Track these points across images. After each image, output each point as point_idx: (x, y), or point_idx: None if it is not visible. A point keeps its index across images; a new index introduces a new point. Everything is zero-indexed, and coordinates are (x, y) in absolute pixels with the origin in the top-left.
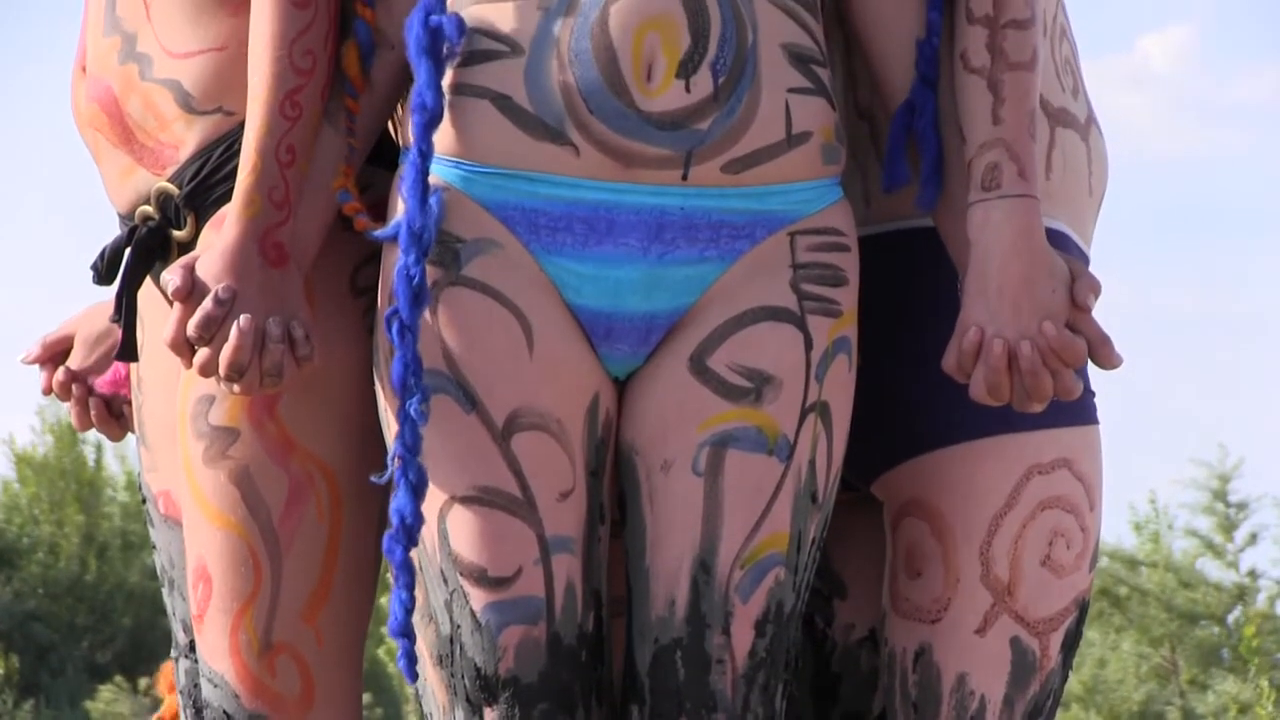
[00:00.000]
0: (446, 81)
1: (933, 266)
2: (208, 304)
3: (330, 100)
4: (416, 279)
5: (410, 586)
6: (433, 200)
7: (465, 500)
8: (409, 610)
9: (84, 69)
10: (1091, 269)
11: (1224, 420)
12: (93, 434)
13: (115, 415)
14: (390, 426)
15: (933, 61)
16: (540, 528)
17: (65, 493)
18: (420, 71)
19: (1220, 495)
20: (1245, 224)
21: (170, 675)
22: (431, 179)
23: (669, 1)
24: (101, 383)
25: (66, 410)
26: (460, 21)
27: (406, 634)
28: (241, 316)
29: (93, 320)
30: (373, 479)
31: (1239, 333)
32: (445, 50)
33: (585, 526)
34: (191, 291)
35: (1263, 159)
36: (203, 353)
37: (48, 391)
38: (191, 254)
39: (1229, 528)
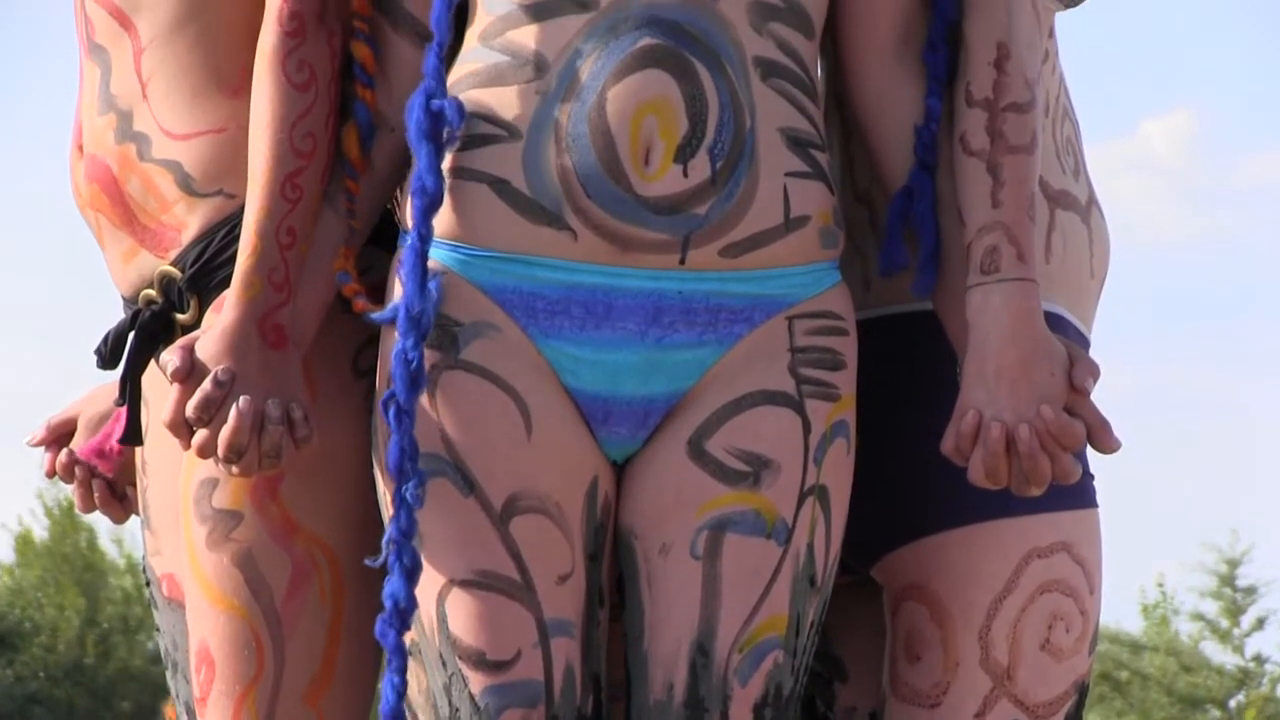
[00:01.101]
0: (445, 165)
1: (931, 350)
2: (207, 385)
3: (330, 182)
4: (414, 363)
5: (403, 670)
6: (432, 285)
7: (464, 584)
8: (401, 694)
9: (80, 148)
10: (1093, 351)
11: (1236, 505)
12: (91, 516)
13: (119, 497)
14: (389, 509)
15: (931, 147)
16: (539, 611)
17: (66, 576)
18: (421, 155)
19: (1228, 580)
20: (1248, 306)
21: None
22: (430, 263)
23: (667, 86)
24: (84, 449)
25: (68, 493)
26: (460, 106)
27: (398, 718)
28: (240, 398)
29: (96, 402)
30: (367, 562)
31: (1247, 415)
32: (445, 135)
33: (584, 610)
34: (191, 372)
35: (1264, 242)
36: (201, 434)
37: (52, 474)
38: (191, 335)
39: (1236, 612)
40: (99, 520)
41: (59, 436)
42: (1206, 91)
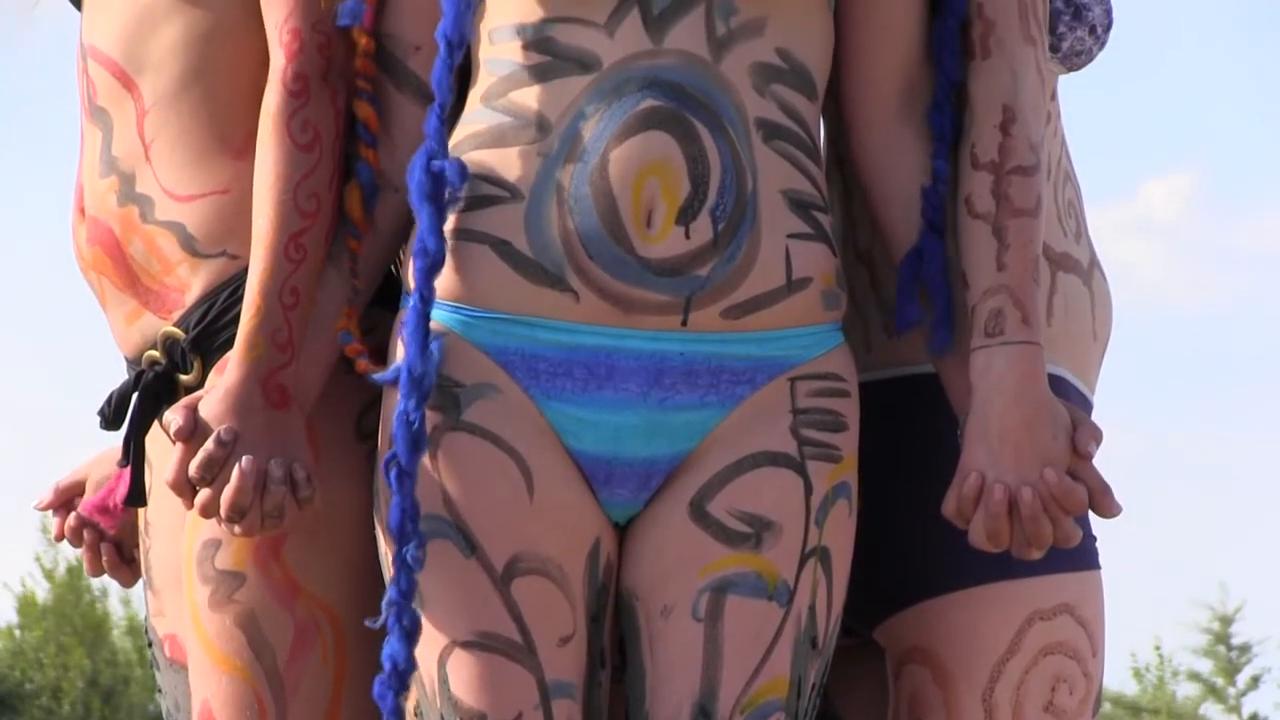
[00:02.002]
0: (447, 226)
1: (933, 412)
2: (210, 445)
3: (334, 242)
4: (416, 424)
5: None
6: (434, 346)
7: (465, 645)
8: None
9: (82, 211)
10: (1096, 415)
11: (1226, 564)
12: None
13: (126, 560)
14: (390, 571)
15: (939, 208)
16: (540, 673)
17: (69, 637)
18: (422, 216)
19: (1222, 638)
20: (1248, 368)
21: None
22: (432, 324)
23: (669, 148)
24: (86, 505)
25: (73, 556)
26: (462, 167)
27: None
28: (243, 458)
29: (104, 465)
30: (367, 623)
31: (1241, 476)
32: (447, 195)
33: (586, 672)
34: (194, 432)
35: (1263, 305)
36: (204, 493)
37: (60, 537)
38: (194, 395)
39: (1231, 671)
40: (108, 581)
41: (67, 500)
42: (1207, 153)
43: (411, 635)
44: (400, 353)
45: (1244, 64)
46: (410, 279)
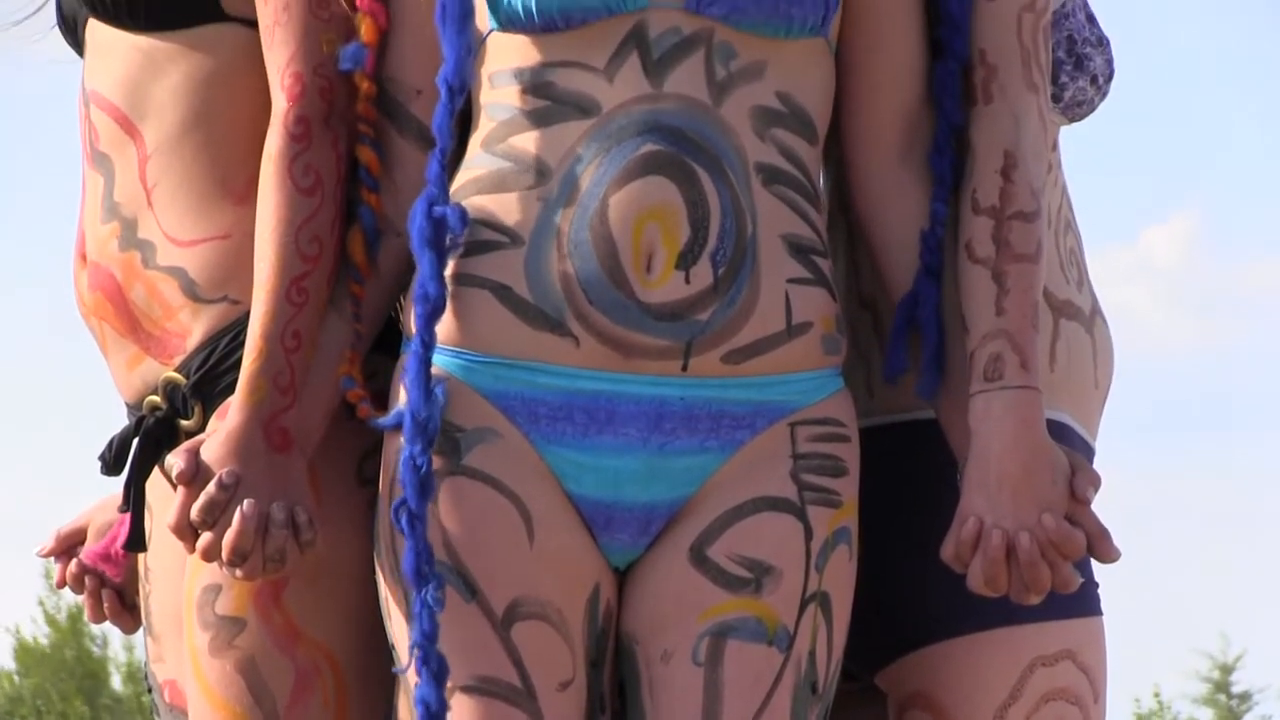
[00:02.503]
0: (448, 271)
1: (934, 457)
2: (211, 488)
3: (336, 286)
4: (424, 468)
5: None
6: (438, 390)
7: (466, 689)
8: None
9: (83, 257)
10: (1096, 461)
11: (1226, 610)
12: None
13: (128, 607)
14: (391, 616)
15: (936, 252)
16: (540, 718)
17: (68, 684)
18: (423, 262)
19: (1222, 686)
20: (1248, 413)
21: None
22: (432, 368)
23: (669, 192)
24: (89, 553)
25: (72, 601)
26: (463, 212)
27: None
28: (245, 501)
29: (106, 512)
30: (395, 670)
31: (1242, 523)
32: (448, 241)
33: (585, 716)
34: (196, 475)
35: (1264, 350)
36: (206, 537)
37: (62, 584)
38: (196, 438)
39: (1232, 719)
40: (110, 627)
41: (68, 546)
42: (1207, 199)
43: (440, 677)
44: (402, 398)
45: (1243, 110)
46: (411, 324)
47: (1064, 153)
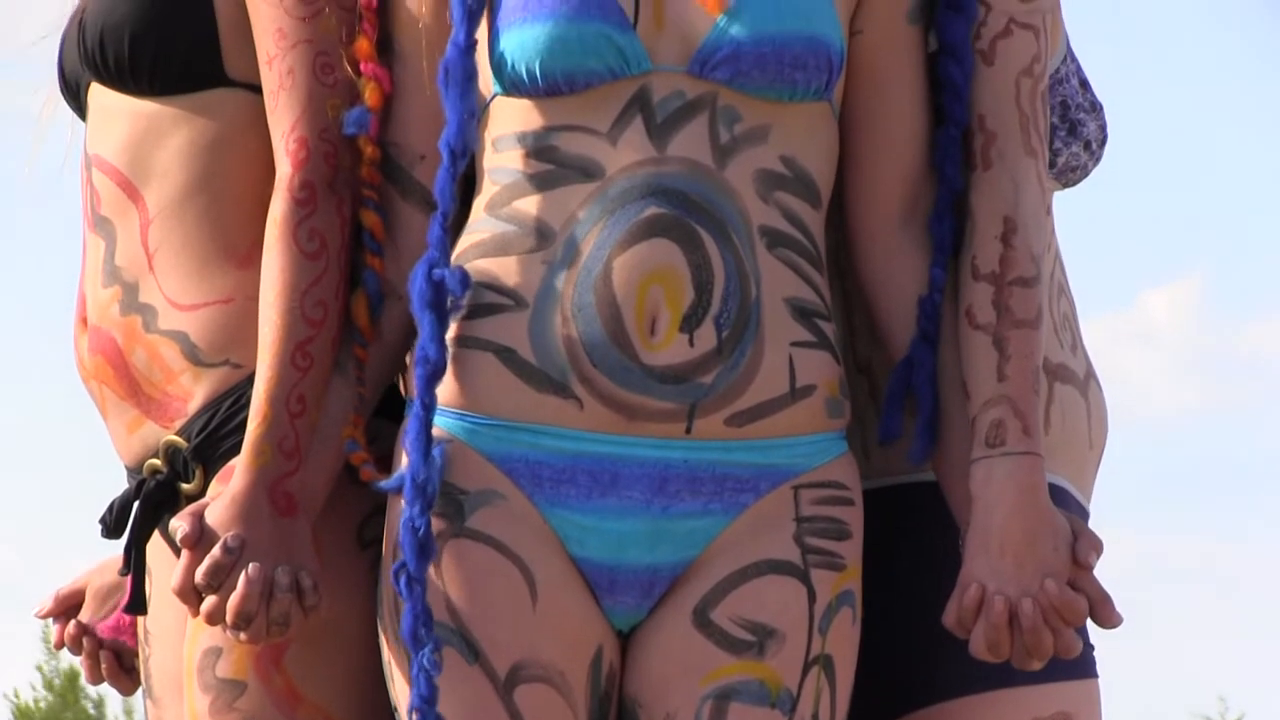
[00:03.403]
0: (451, 334)
1: (933, 521)
2: (216, 552)
3: (340, 350)
4: (422, 531)
5: None
6: (436, 452)
7: None
8: None
9: (84, 320)
10: (1097, 526)
11: (1225, 673)
12: (89, 686)
13: (126, 669)
14: (394, 679)
15: (933, 317)
16: None
17: None
18: (424, 325)
19: None
20: (1248, 477)
21: None
22: (436, 430)
23: (672, 255)
24: (103, 626)
25: (70, 664)
26: (464, 275)
27: None
28: (250, 565)
29: (104, 574)
30: None
31: (1242, 587)
32: (449, 304)
33: None
34: (200, 539)
35: (1263, 414)
36: (210, 600)
37: (60, 645)
38: (200, 502)
39: None
40: (107, 689)
41: (67, 608)
42: (1206, 261)
43: None
44: (405, 460)
45: (1242, 173)
46: (413, 386)
47: (1061, 217)
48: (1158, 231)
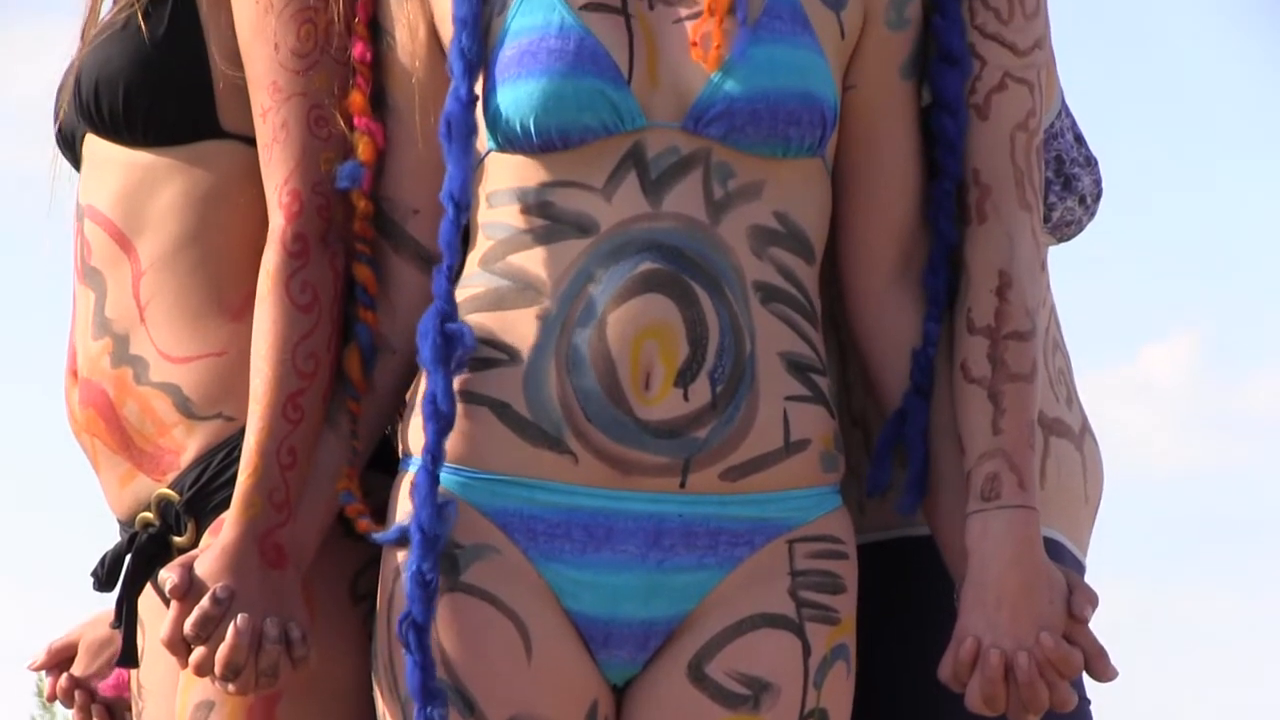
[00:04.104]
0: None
1: (928, 575)
2: (205, 603)
3: (332, 403)
4: (432, 583)
5: None
6: (450, 508)
7: None
8: None
9: (74, 373)
10: (1093, 579)
11: None
12: None
13: None
14: None
15: (926, 370)
16: None
17: None
18: (436, 378)
19: None
20: (1247, 531)
21: None
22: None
23: (667, 310)
24: (105, 686)
25: (64, 717)
26: (471, 329)
27: None
28: (239, 616)
29: (97, 627)
30: None
31: (1241, 641)
32: (459, 358)
33: None
34: (189, 590)
35: (1263, 468)
36: (199, 651)
37: (52, 698)
38: (190, 553)
39: None
40: None
41: (60, 661)
42: (1205, 316)
43: None
44: (401, 513)
45: (1242, 229)
46: (409, 440)
47: (1060, 271)
48: (1160, 286)
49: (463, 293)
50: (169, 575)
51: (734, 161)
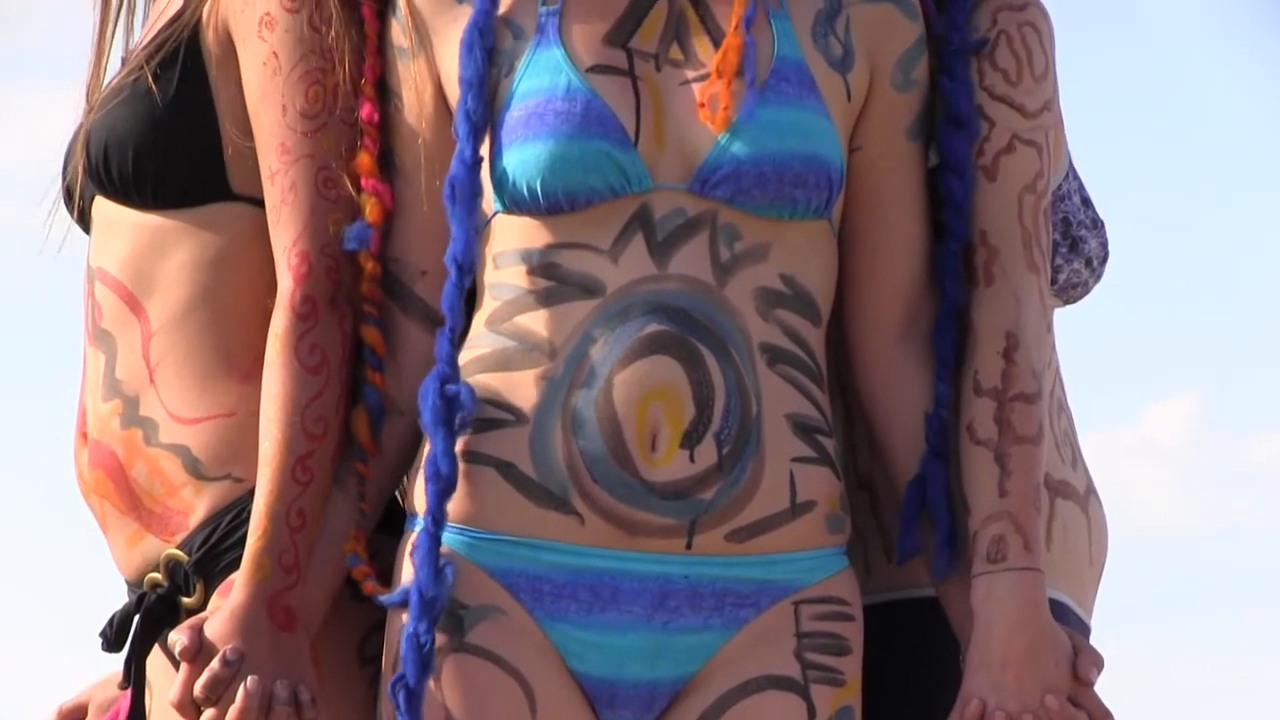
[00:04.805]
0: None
1: (934, 636)
2: (215, 664)
3: (341, 465)
4: (426, 646)
5: None
6: (448, 570)
7: None
8: None
9: (84, 435)
10: (1098, 641)
11: None
12: None
13: None
14: None
15: (942, 433)
16: None
17: None
18: (436, 440)
19: None
20: (1251, 592)
21: None
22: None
23: (673, 372)
24: None
25: None
26: (473, 390)
27: None
28: (249, 678)
29: (107, 688)
30: None
31: (1244, 702)
32: (460, 419)
33: None
34: (199, 652)
35: (1269, 529)
36: (209, 714)
37: None
38: (200, 615)
39: None
40: None
41: None
42: (1209, 377)
43: None
44: (407, 575)
45: (1245, 286)
46: (416, 501)
47: (1068, 330)
48: (1164, 346)
49: (469, 353)
50: (179, 637)
51: (740, 223)
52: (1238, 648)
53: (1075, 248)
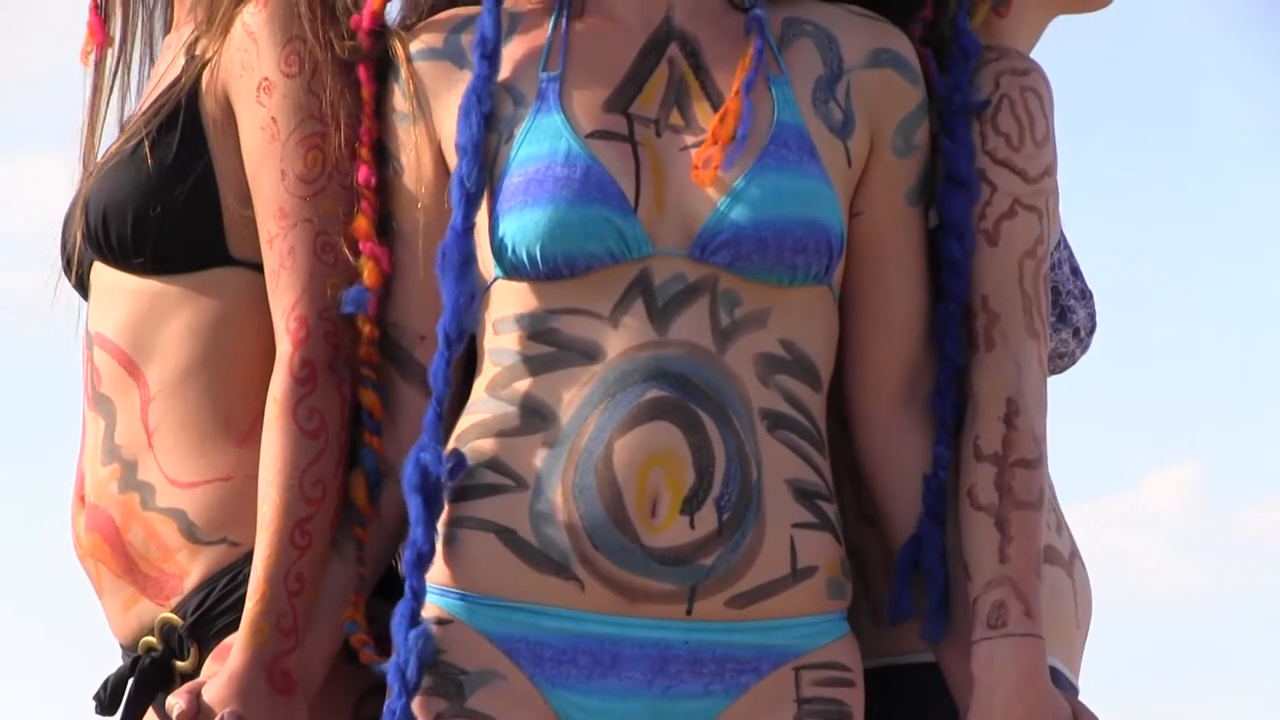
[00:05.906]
0: (450, 515)
1: (930, 702)
2: None
3: (339, 530)
4: (397, 716)
5: None
6: (412, 635)
7: None
8: None
9: (81, 499)
10: (1095, 708)
11: None
12: None
13: None
14: None
15: (940, 496)
16: None
17: None
18: (412, 508)
19: None
20: (1250, 660)
21: None
22: (436, 610)
23: (673, 438)
24: None
25: None
26: (461, 458)
27: None
28: None
29: None
30: None
31: None
32: (452, 485)
33: None
34: (197, 715)
35: (1267, 598)
36: None
37: None
38: (198, 679)
39: None
40: None
41: None
42: (1207, 445)
43: None
44: (397, 640)
45: (1241, 358)
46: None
47: (1063, 401)
48: (1160, 414)
49: (469, 419)
50: (176, 701)
51: (740, 289)
52: (1235, 715)
53: (1063, 317)
